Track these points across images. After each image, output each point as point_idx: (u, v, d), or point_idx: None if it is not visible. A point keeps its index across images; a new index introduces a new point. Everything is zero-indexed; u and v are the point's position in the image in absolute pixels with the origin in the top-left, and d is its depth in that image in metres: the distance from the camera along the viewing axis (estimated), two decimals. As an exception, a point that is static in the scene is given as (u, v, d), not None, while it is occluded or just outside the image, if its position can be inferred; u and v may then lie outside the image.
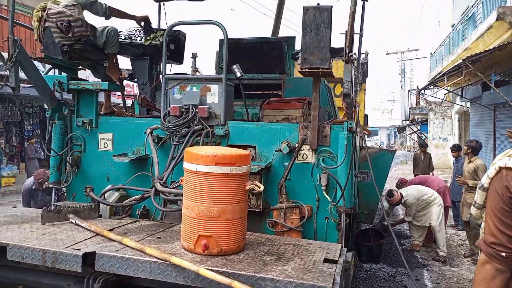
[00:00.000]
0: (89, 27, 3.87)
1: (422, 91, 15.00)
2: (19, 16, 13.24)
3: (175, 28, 4.06)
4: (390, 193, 6.36)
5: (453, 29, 13.24)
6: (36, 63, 3.86)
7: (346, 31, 2.67)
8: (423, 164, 10.26)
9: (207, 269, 1.99)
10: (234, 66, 3.83)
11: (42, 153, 13.00)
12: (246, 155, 2.37)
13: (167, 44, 3.71)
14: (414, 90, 23.55)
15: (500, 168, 1.58)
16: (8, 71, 3.31)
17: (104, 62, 4.27)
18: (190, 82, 3.59)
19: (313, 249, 2.49)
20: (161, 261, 2.12)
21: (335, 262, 2.25)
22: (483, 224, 1.70)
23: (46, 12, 3.70)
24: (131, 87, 14.03)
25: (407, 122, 24.31)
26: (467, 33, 10.89)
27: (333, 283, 1.96)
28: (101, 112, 4.10)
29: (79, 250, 2.27)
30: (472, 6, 10.79)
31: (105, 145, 3.86)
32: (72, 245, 2.37)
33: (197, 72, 3.83)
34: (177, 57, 4.64)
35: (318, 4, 3.00)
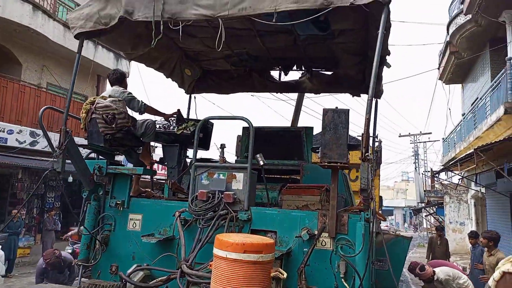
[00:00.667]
0: (130, 119, 4.35)
1: (437, 175, 15.14)
2: (55, 97, 14.38)
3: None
4: (422, 268, 6.04)
5: (463, 118, 13.79)
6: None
7: (363, 134, 3.02)
8: (439, 249, 10.07)
9: None
10: (258, 155, 4.15)
11: (60, 225, 13.26)
12: (271, 243, 2.60)
13: (198, 134, 4.13)
14: (428, 172, 23.68)
15: (504, 273, 1.78)
16: (56, 157, 3.71)
17: (137, 149, 4.70)
18: (218, 169, 3.92)
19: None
20: None
21: None
22: None
23: (94, 106, 4.21)
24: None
25: (423, 204, 24.06)
26: (477, 122, 11.35)
27: None
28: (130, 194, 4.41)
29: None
30: (480, 98, 11.37)
31: (134, 225, 4.10)
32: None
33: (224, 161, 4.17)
34: (204, 144, 5.07)
35: (337, 107, 3.41)
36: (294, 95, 7.65)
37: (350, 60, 4.90)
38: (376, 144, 7.28)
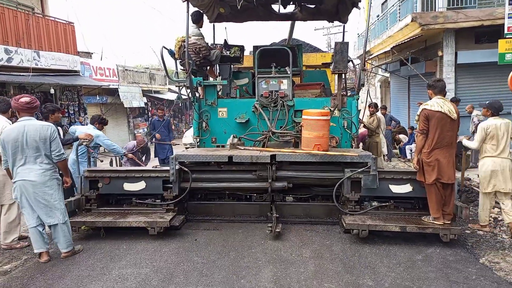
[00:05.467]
0: (208, 50, 6.89)
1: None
2: (12, 11, 14.72)
3: (238, 43, 7.34)
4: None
5: (377, 19, 17.40)
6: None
7: (361, 55, 6.14)
8: None
9: (327, 153, 5.41)
10: (287, 68, 7.09)
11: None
12: (329, 112, 5.78)
13: (239, 55, 6.92)
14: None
15: (423, 109, 5.15)
16: (187, 79, 6.31)
17: (203, 68, 7.31)
18: (271, 78, 6.80)
19: (354, 150, 6.02)
20: (305, 153, 5.49)
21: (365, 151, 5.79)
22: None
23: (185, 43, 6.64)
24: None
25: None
26: (389, 24, 15.00)
27: (371, 155, 5.45)
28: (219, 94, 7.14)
29: (266, 154, 5.52)
30: (393, 5, 14.88)
31: (222, 114, 6.97)
32: (259, 154, 5.60)
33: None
34: (241, 60, 7.78)
35: (343, 40, 6.42)
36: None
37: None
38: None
